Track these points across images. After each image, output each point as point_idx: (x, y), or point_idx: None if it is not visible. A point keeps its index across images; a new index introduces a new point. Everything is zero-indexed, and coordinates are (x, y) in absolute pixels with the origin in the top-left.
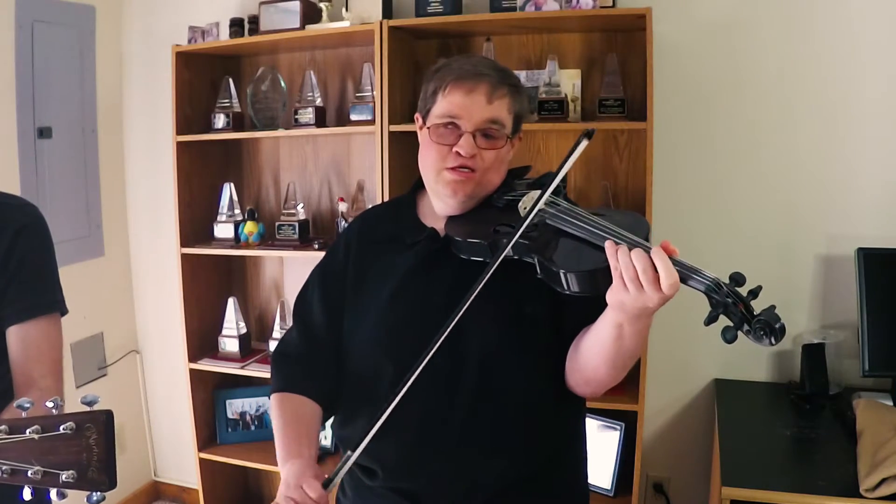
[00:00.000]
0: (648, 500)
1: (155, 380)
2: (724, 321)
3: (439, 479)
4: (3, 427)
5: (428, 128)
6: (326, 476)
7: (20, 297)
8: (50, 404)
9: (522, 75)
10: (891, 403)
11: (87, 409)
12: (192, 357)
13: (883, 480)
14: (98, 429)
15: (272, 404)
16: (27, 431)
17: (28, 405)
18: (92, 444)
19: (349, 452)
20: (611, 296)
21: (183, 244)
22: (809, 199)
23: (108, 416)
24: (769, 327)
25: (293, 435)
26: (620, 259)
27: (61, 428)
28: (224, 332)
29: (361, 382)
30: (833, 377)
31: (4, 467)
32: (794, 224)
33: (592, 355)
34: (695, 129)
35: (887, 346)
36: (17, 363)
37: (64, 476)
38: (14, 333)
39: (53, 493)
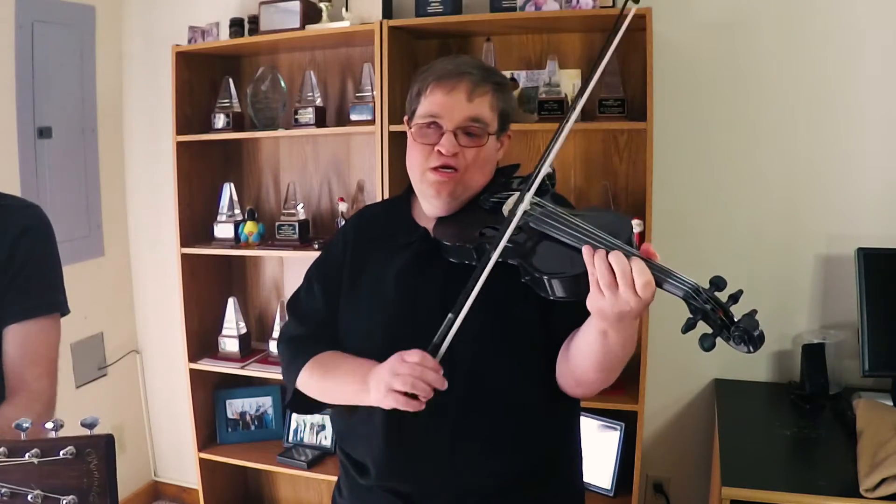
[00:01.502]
0: (648, 500)
1: (155, 380)
2: (703, 328)
3: (432, 481)
4: (2, 449)
5: (412, 128)
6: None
7: (21, 296)
8: (49, 425)
9: (522, 75)
10: (891, 403)
11: (88, 432)
12: (192, 357)
13: (883, 480)
14: (98, 454)
15: (309, 374)
16: (26, 455)
17: (27, 425)
18: (93, 469)
19: (451, 315)
20: (590, 302)
21: (183, 244)
22: (809, 199)
23: (109, 440)
24: (748, 335)
25: (361, 364)
26: (596, 263)
27: (61, 453)
28: (224, 332)
29: None
30: (833, 377)
31: (4, 490)
32: (794, 224)
33: (581, 359)
34: (695, 129)
35: (887, 346)
36: (12, 363)
37: (65, 501)
38: (12, 332)
39: None
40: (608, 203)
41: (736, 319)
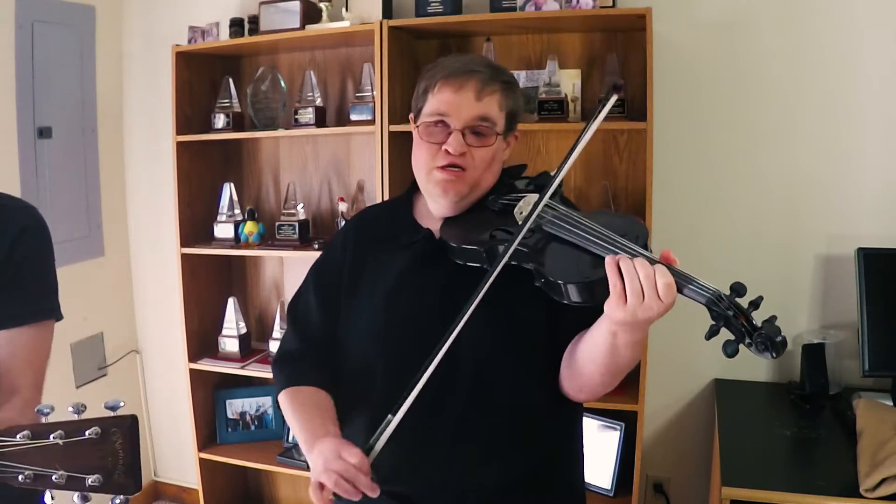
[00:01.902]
0: (648, 500)
1: (155, 380)
2: (724, 334)
3: (433, 483)
4: (25, 432)
5: (418, 126)
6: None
7: (15, 301)
8: (71, 409)
9: (522, 75)
10: (891, 403)
11: (112, 413)
12: (192, 357)
13: (883, 480)
14: (123, 433)
15: (283, 401)
16: (51, 437)
17: (48, 410)
18: (118, 449)
19: (389, 416)
20: (609, 308)
21: (183, 244)
22: (809, 199)
23: (133, 420)
24: (770, 341)
25: (316, 419)
26: (625, 271)
27: (87, 433)
28: (224, 332)
29: (355, 383)
30: (833, 377)
31: (27, 472)
32: (794, 224)
33: (587, 363)
34: (695, 129)
35: (887, 346)
36: (5, 368)
37: (90, 480)
38: (4, 338)
39: (75, 496)
40: (608, 203)
41: (758, 326)
